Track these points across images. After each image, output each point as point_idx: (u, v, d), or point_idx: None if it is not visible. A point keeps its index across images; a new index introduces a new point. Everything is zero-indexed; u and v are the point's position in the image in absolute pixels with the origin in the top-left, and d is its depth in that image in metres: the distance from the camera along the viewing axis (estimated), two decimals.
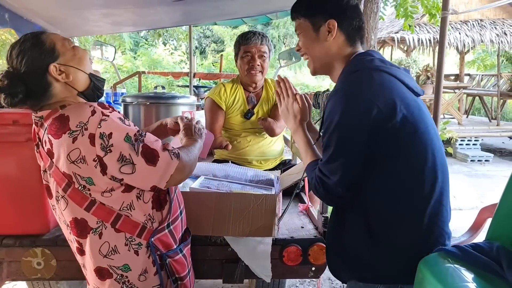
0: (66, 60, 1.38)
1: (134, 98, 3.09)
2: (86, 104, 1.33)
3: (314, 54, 1.48)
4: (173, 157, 1.34)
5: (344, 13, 1.43)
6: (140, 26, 5.17)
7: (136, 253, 1.39)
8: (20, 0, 3.17)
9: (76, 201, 1.33)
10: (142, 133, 1.33)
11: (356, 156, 1.29)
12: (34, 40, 1.35)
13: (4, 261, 1.89)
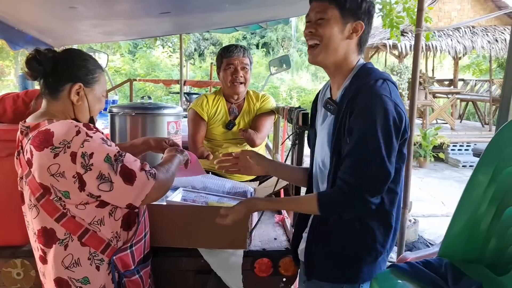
0: (89, 94, 1.52)
1: (120, 109, 3.15)
2: (72, 123, 1.39)
3: (331, 44, 1.47)
4: (150, 177, 1.40)
5: (369, 20, 1.49)
6: (130, 35, 5.26)
7: (97, 268, 1.45)
8: (11, 12, 3.25)
9: (47, 211, 1.40)
10: (122, 153, 1.40)
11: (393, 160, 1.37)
12: (93, 63, 1.54)
13: None
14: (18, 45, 3.81)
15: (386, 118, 1.33)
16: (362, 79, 1.44)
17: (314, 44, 1.49)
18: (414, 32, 2.56)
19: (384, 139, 1.32)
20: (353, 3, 1.44)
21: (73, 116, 1.52)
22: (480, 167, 1.45)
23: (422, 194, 6.64)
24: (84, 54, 1.59)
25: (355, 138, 1.36)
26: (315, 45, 1.48)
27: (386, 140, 1.33)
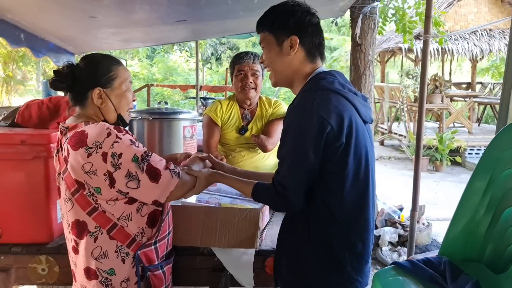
0: (112, 94, 1.61)
1: (138, 114, 3.28)
2: (104, 125, 1.50)
3: (276, 67, 1.57)
4: (174, 176, 1.52)
5: (305, 30, 1.52)
6: (147, 42, 5.41)
7: (123, 261, 1.56)
8: (35, 21, 3.42)
9: (81, 205, 1.52)
10: (148, 153, 1.51)
11: (310, 167, 1.41)
12: (106, 62, 1.61)
13: (12, 267, 2.10)
14: (41, 53, 3.98)
15: (300, 127, 1.40)
16: (301, 90, 1.52)
17: (269, 70, 1.61)
18: (422, 38, 2.61)
19: (297, 147, 1.41)
20: (280, 23, 1.52)
21: (102, 117, 1.63)
22: (478, 171, 1.51)
23: (437, 198, 6.63)
24: (96, 57, 1.66)
25: (279, 143, 1.50)
26: (269, 71, 1.61)
27: (299, 148, 1.40)
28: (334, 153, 1.41)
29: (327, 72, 1.55)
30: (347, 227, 1.48)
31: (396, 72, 13.36)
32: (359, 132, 1.45)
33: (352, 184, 1.45)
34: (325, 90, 1.45)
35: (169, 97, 14.66)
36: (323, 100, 1.41)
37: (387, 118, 10.92)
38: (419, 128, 2.72)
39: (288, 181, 1.43)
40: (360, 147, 1.45)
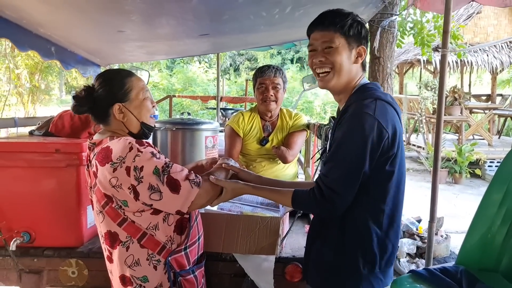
0: (130, 106, 1.65)
1: (162, 124, 3.39)
2: (126, 140, 1.56)
3: (342, 70, 1.57)
4: (194, 186, 1.55)
5: (367, 44, 1.63)
6: (171, 54, 5.55)
7: (155, 268, 1.61)
8: (65, 35, 3.58)
9: (111, 216, 1.59)
10: (169, 165, 1.54)
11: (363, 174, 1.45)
12: (119, 77, 1.66)
13: (44, 269, 2.21)
14: (70, 65, 4.14)
15: (362, 133, 1.42)
16: (356, 98, 1.55)
17: (325, 72, 1.58)
18: (440, 52, 2.66)
19: (356, 152, 1.44)
20: (355, 30, 1.57)
21: (127, 130, 1.68)
22: (495, 183, 1.56)
23: (456, 211, 6.58)
24: (109, 75, 1.72)
25: (333, 148, 1.51)
26: (326, 72, 1.58)
27: (358, 154, 1.43)
28: (384, 162, 1.47)
29: (373, 83, 1.62)
30: (384, 233, 1.52)
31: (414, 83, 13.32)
32: (402, 143, 1.53)
33: (394, 194, 1.51)
34: (381, 101, 1.50)
35: (188, 107, 14.86)
36: (382, 110, 1.47)
37: (405, 129, 10.89)
38: (437, 140, 2.76)
39: (340, 185, 1.45)
40: (403, 158, 1.53)
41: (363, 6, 3.27)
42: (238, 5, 2.78)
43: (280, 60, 21.56)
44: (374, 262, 1.52)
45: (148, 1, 2.56)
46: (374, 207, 1.51)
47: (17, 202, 2.21)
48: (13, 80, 9.80)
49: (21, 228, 2.19)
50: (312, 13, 3.22)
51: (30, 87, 10.17)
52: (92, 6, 2.67)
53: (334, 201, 1.45)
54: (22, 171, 2.20)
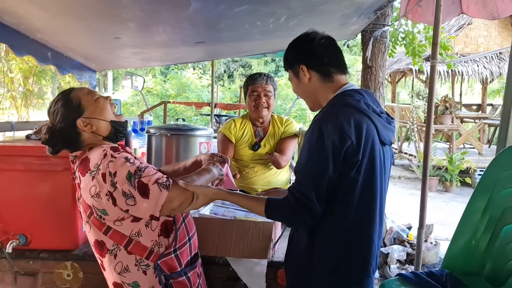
0: (90, 113, 1.66)
1: (156, 130, 3.44)
2: (101, 147, 1.60)
3: (303, 94, 1.71)
4: (162, 189, 1.51)
5: (309, 55, 1.63)
6: (166, 61, 5.61)
7: (144, 273, 1.61)
8: (62, 41, 3.62)
9: (96, 226, 1.61)
10: (141, 168, 1.53)
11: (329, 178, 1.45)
12: (64, 100, 1.67)
13: (39, 271, 2.24)
14: (66, 70, 4.18)
15: (322, 138, 1.44)
16: (327, 104, 1.60)
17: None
18: (430, 63, 2.74)
19: (318, 158, 1.46)
20: (290, 59, 1.68)
21: (101, 137, 1.70)
22: (479, 191, 1.62)
23: (446, 218, 6.66)
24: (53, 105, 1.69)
25: (300, 155, 1.56)
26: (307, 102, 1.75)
27: (320, 159, 1.45)
28: (349, 169, 1.46)
29: (355, 90, 1.60)
30: (349, 240, 1.52)
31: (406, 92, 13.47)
32: (375, 153, 1.50)
33: (358, 202, 1.50)
34: (350, 107, 1.51)
35: (182, 113, 14.89)
36: (347, 115, 1.47)
37: (397, 138, 11.01)
38: (426, 148, 2.84)
39: (311, 190, 1.45)
40: (372, 168, 1.50)
41: (356, 16, 3.35)
42: (234, 14, 2.84)
43: (274, 67, 21.70)
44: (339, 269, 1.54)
45: (146, 10, 2.62)
46: (339, 213, 1.51)
47: (13, 205, 2.24)
48: (6, 84, 9.80)
49: (17, 231, 2.22)
50: (306, 23, 3.30)
51: (24, 91, 10.16)
52: (91, 13, 2.72)
53: (309, 207, 1.45)
54: (19, 174, 2.23)
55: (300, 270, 1.61)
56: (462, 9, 3.62)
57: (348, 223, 1.51)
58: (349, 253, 1.53)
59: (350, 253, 1.53)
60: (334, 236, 1.53)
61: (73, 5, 2.57)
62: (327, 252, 1.53)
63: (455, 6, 3.66)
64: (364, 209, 1.52)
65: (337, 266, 1.53)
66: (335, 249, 1.53)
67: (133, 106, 15.60)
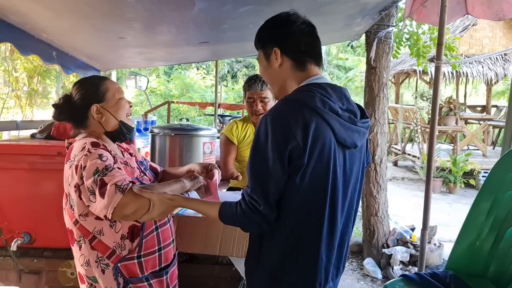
0: (107, 105, 1.70)
1: (160, 129, 3.44)
2: (84, 140, 1.62)
3: (269, 80, 1.56)
4: (118, 191, 1.46)
5: (285, 39, 1.48)
6: (170, 61, 5.62)
7: (103, 272, 1.60)
8: (67, 41, 3.63)
9: (69, 214, 1.64)
10: (109, 168, 1.51)
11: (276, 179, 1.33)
12: (94, 82, 1.73)
13: (43, 270, 2.25)
14: (71, 70, 4.19)
15: (266, 136, 1.33)
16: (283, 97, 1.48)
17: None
18: (435, 64, 2.74)
19: (263, 157, 1.34)
20: (263, 38, 1.53)
21: (103, 130, 1.72)
22: (483, 192, 1.62)
23: (450, 220, 6.64)
24: (84, 80, 1.76)
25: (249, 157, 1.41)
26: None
27: (266, 159, 1.33)
28: (294, 173, 1.34)
29: (318, 84, 1.44)
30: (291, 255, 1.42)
31: (410, 93, 13.44)
32: (330, 157, 1.36)
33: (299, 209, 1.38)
34: (299, 103, 1.37)
35: (185, 113, 14.92)
36: (295, 113, 1.34)
37: (401, 139, 10.99)
38: (430, 150, 2.83)
39: (260, 193, 1.33)
40: (325, 174, 1.36)
41: (360, 17, 3.35)
42: (238, 14, 2.84)
43: None
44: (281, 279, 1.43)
45: (151, 9, 2.62)
46: (281, 220, 1.38)
47: (18, 203, 2.25)
48: (11, 83, 9.85)
49: (22, 229, 2.23)
50: None
51: (28, 90, 10.21)
52: (96, 13, 2.72)
53: (258, 212, 1.34)
54: (24, 173, 2.24)
55: (248, 271, 1.54)
56: (467, 10, 3.62)
57: (288, 232, 1.40)
58: (291, 265, 1.42)
59: (292, 265, 1.42)
60: (277, 243, 1.42)
61: (78, 4, 2.58)
62: (270, 258, 1.43)
63: (460, 7, 3.65)
64: (307, 219, 1.39)
65: (278, 276, 1.43)
66: (278, 257, 1.42)
67: (136, 106, 15.63)
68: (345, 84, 18.12)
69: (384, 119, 4.41)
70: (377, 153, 4.40)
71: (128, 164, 1.73)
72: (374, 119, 4.35)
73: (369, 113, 4.38)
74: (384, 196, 4.53)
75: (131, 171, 1.71)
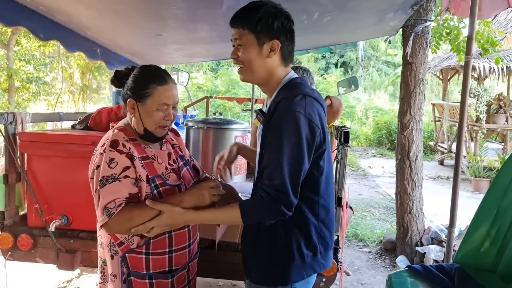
0: (142, 108, 1.64)
1: (194, 123, 3.59)
2: (111, 133, 1.65)
3: (253, 66, 1.54)
4: (104, 214, 1.51)
5: (286, 35, 1.53)
6: (208, 57, 5.77)
7: (111, 257, 1.64)
8: (110, 38, 3.85)
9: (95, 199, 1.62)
10: (109, 179, 1.54)
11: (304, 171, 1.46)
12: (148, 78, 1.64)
13: (79, 250, 2.44)
14: (114, 66, 4.43)
15: (297, 133, 1.41)
16: (284, 93, 1.51)
17: (240, 67, 1.57)
18: (464, 59, 2.69)
19: (292, 153, 1.42)
20: (264, 25, 1.49)
21: (134, 126, 1.69)
22: (493, 188, 1.61)
23: None
24: (145, 71, 1.68)
25: (269, 151, 1.47)
26: (241, 67, 1.57)
27: (294, 155, 1.42)
28: (318, 158, 1.50)
29: (300, 78, 1.60)
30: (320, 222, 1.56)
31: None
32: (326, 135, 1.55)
33: (325, 186, 1.55)
34: (310, 98, 1.49)
35: (230, 109, 15.15)
36: (312, 107, 1.47)
37: (447, 137, 10.63)
38: (458, 147, 2.79)
39: (287, 187, 1.41)
40: (329, 151, 1.57)
41: (392, 12, 3.32)
42: None
43: (324, 64, 21.50)
44: (316, 249, 1.55)
45: (182, 7, 2.75)
46: (311, 200, 1.53)
47: (57, 188, 2.46)
48: (66, 79, 10.42)
49: (60, 212, 2.43)
50: (340, 20, 3.32)
51: (81, 86, 10.76)
52: (132, 11, 2.89)
53: (284, 202, 1.42)
54: (63, 160, 2.44)
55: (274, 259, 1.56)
56: (509, 3, 3.49)
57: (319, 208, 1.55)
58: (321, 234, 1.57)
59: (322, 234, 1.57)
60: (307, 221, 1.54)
61: (115, 3, 2.75)
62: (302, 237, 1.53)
63: (501, 0, 3.53)
64: (329, 192, 1.59)
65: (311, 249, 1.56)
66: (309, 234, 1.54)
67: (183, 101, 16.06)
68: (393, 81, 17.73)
69: (420, 116, 4.34)
70: (412, 150, 4.34)
71: (156, 158, 1.69)
72: (409, 115, 4.29)
73: (404, 109, 4.33)
74: (419, 194, 4.46)
75: (157, 167, 1.67)
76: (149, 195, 1.59)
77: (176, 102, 1.71)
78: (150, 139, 1.70)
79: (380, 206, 7.27)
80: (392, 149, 14.24)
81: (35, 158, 2.50)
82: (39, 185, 2.47)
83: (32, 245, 2.45)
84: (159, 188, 1.62)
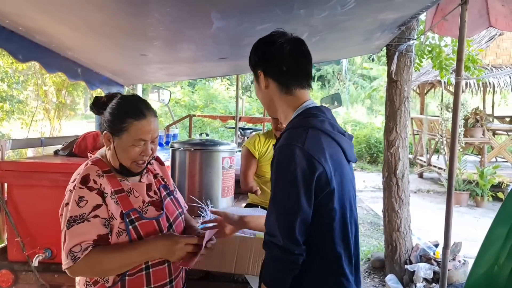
0: (117, 142, 1.57)
1: (180, 145, 3.49)
2: (81, 169, 1.58)
3: (260, 100, 1.58)
4: (69, 258, 1.46)
5: (267, 61, 1.48)
6: (192, 76, 5.72)
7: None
8: (92, 58, 3.74)
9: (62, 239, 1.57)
10: (76, 220, 1.48)
11: (303, 213, 1.30)
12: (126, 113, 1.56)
13: (64, 285, 2.34)
14: (95, 85, 4.31)
15: (290, 168, 1.29)
16: (290, 124, 1.45)
17: None
18: (454, 80, 2.69)
19: (287, 191, 1.31)
20: (252, 60, 1.54)
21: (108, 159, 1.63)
22: (499, 217, 1.58)
23: (477, 235, 6.45)
24: (123, 103, 1.60)
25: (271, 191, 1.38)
26: None
27: (290, 192, 1.30)
28: (328, 199, 1.33)
29: (317, 108, 1.47)
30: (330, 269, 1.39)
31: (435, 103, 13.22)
32: (344, 175, 1.40)
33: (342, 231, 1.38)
34: (316, 130, 1.37)
35: (209, 124, 15.07)
36: (314, 140, 1.34)
37: (426, 150, 10.78)
38: (451, 163, 2.79)
39: (276, 228, 1.30)
40: (345, 190, 1.40)
41: (379, 32, 3.33)
42: (256, 32, 2.87)
43: None
44: None
45: (170, 28, 2.68)
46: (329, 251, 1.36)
47: (41, 219, 2.32)
48: (40, 96, 10.15)
49: (44, 245, 2.30)
50: (328, 39, 3.30)
51: (57, 103, 10.51)
52: (118, 32, 2.80)
53: (278, 246, 1.29)
54: (46, 190, 2.32)
55: None
56: (490, 22, 3.55)
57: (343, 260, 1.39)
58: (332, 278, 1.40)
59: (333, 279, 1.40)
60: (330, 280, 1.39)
61: (101, 25, 2.66)
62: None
63: (483, 20, 3.59)
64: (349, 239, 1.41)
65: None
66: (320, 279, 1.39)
67: (161, 117, 15.90)
68: (370, 94, 18.03)
69: (405, 133, 4.35)
70: (399, 168, 4.34)
71: (132, 192, 1.62)
72: (395, 132, 4.30)
73: (390, 127, 4.34)
74: (407, 211, 4.45)
75: (133, 201, 1.59)
76: (123, 232, 1.51)
77: (156, 137, 1.63)
78: (125, 174, 1.63)
79: (365, 222, 7.26)
80: (372, 162, 14.38)
81: (16, 188, 2.37)
82: (21, 217, 2.34)
83: (13, 281, 2.30)
84: (134, 223, 1.54)
